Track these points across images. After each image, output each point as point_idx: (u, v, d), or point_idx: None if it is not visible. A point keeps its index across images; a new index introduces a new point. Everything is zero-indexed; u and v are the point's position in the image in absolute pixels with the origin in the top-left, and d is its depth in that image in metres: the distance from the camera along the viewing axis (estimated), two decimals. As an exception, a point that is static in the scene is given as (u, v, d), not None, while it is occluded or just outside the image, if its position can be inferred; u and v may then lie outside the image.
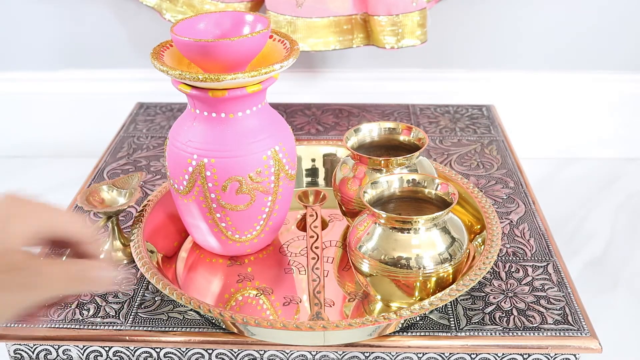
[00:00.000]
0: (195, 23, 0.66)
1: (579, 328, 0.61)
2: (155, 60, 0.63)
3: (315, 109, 1.03)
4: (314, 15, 0.96)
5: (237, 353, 0.63)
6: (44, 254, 0.54)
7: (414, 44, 0.97)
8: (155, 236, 0.71)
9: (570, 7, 1.07)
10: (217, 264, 0.72)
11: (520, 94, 1.13)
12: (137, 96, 1.09)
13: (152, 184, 0.84)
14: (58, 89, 1.16)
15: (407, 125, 0.74)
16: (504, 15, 1.08)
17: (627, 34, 1.09)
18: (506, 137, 0.94)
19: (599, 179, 1.10)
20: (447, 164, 0.88)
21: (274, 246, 0.74)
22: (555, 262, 0.69)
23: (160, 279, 0.63)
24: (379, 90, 1.12)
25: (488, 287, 0.67)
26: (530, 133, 1.14)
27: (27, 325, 0.62)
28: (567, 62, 1.12)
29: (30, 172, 1.15)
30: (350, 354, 0.62)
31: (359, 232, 0.63)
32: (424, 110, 1.02)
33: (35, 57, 1.15)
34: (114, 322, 0.63)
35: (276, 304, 0.66)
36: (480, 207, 0.72)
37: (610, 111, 1.13)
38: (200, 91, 0.62)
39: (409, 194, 0.67)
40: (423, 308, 0.59)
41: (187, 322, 0.63)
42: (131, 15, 1.11)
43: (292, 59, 0.64)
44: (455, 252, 0.61)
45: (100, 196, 0.71)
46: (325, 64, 1.14)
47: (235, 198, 0.66)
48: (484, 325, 0.62)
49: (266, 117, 0.67)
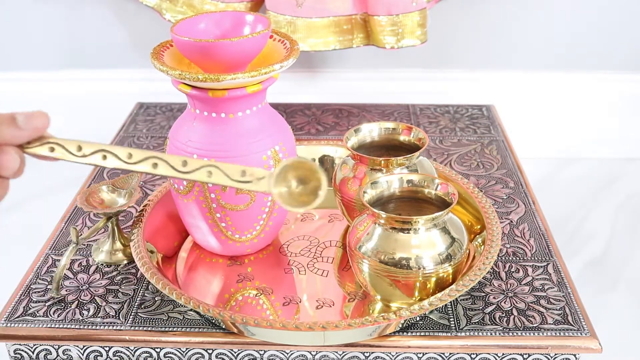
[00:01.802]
0: (195, 23, 0.66)
1: (579, 328, 0.61)
2: (155, 60, 0.63)
3: (315, 109, 1.03)
4: (314, 15, 0.96)
5: (237, 353, 0.63)
6: None
7: (414, 44, 0.97)
8: (155, 236, 0.71)
9: (570, 7, 1.07)
10: (217, 264, 0.72)
11: (520, 94, 1.13)
12: (137, 96, 1.09)
13: (152, 184, 0.84)
14: (58, 89, 1.16)
15: (407, 125, 0.74)
16: (504, 15, 1.08)
17: (627, 34, 1.09)
18: (506, 137, 0.94)
19: (599, 179, 1.10)
20: (447, 164, 0.88)
21: (274, 246, 0.74)
22: (555, 262, 0.69)
23: (160, 279, 0.63)
24: (379, 90, 1.12)
25: (488, 287, 0.67)
26: (530, 133, 1.14)
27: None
28: (567, 62, 1.11)
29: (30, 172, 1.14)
30: (350, 354, 0.62)
31: (358, 232, 0.63)
32: (424, 110, 1.02)
33: (35, 57, 1.15)
34: (114, 322, 0.63)
35: (276, 304, 0.66)
36: (480, 207, 0.72)
37: (610, 111, 1.13)
38: (200, 91, 0.62)
39: (409, 194, 0.67)
40: (423, 308, 0.59)
41: (187, 322, 0.63)
42: (131, 15, 1.11)
43: (292, 59, 0.64)
44: (455, 252, 0.61)
45: (100, 197, 0.71)
46: (325, 64, 1.14)
47: (235, 198, 0.66)
48: (484, 325, 0.62)
49: (266, 117, 0.67)
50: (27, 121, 0.45)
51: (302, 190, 0.45)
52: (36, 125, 0.46)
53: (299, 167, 0.44)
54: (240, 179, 0.45)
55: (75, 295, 0.66)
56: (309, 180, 0.44)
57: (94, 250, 0.72)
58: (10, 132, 0.45)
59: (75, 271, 0.70)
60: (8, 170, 0.45)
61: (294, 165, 0.44)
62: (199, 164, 0.46)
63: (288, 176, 0.44)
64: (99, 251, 0.71)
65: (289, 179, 0.44)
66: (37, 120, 0.46)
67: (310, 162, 0.44)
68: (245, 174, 0.45)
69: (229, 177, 0.45)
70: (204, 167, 0.45)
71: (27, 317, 0.64)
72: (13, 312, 0.64)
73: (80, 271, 0.70)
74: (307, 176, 0.44)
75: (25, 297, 0.66)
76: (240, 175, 0.45)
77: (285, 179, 0.44)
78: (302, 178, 0.44)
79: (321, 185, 0.44)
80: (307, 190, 0.44)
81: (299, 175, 0.44)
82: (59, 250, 0.73)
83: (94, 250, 0.72)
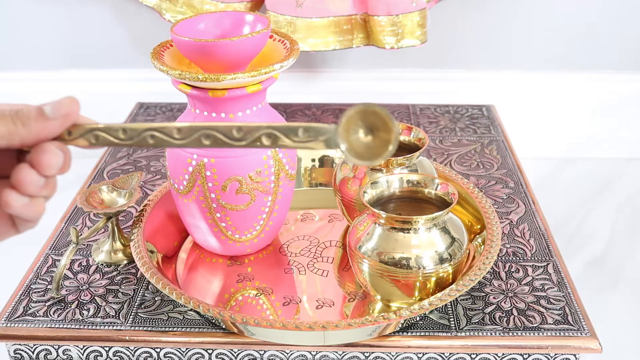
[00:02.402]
0: (195, 23, 0.66)
1: (579, 328, 0.61)
2: (155, 60, 0.63)
3: (315, 109, 1.03)
4: (314, 16, 0.96)
5: (237, 353, 0.63)
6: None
7: (414, 44, 0.97)
8: (155, 236, 0.71)
9: (570, 7, 1.07)
10: (217, 264, 0.72)
11: (520, 94, 1.13)
12: (137, 96, 1.09)
13: (152, 184, 0.84)
14: (58, 89, 1.16)
15: (407, 125, 0.74)
16: (504, 16, 1.08)
17: (626, 34, 1.09)
18: (506, 137, 0.94)
19: (599, 179, 1.10)
20: (447, 164, 0.88)
21: (274, 246, 0.74)
22: (555, 262, 0.69)
23: (160, 279, 0.63)
24: (379, 90, 1.12)
25: (488, 287, 0.66)
26: (530, 133, 1.14)
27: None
28: (567, 62, 1.12)
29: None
30: (350, 354, 0.62)
31: (358, 232, 0.63)
32: (424, 110, 1.02)
33: (35, 57, 1.15)
34: (114, 322, 0.63)
35: (276, 304, 0.66)
36: (480, 207, 0.72)
37: (610, 111, 1.13)
38: (200, 91, 0.62)
39: (409, 194, 0.67)
40: (423, 308, 0.59)
41: (187, 322, 0.63)
42: (131, 15, 1.11)
43: (292, 59, 0.64)
44: (455, 252, 0.61)
45: (100, 197, 0.71)
46: (325, 64, 1.14)
47: (235, 198, 0.66)
48: (484, 325, 0.62)
49: (266, 117, 0.67)
50: (55, 110, 0.42)
51: (372, 141, 0.40)
52: (66, 112, 0.43)
53: (365, 115, 0.40)
54: (303, 138, 0.41)
55: (75, 295, 0.66)
56: (378, 129, 0.40)
57: (94, 250, 0.72)
58: (40, 126, 0.42)
59: (75, 271, 0.70)
60: (51, 168, 0.41)
61: (359, 114, 0.40)
62: (255, 130, 0.42)
63: (353, 127, 0.40)
64: (99, 251, 0.71)
65: (355, 129, 0.40)
66: (65, 107, 0.43)
67: (378, 108, 0.40)
68: (308, 131, 0.41)
69: (290, 139, 0.42)
70: (261, 131, 0.42)
71: (27, 317, 0.64)
72: (13, 312, 0.64)
73: (80, 271, 0.70)
74: (375, 123, 0.40)
75: (25, 297, 0.66)
76: (303, 133, 0.41)
77: (351, 130, 0.40)
78: (370, 126, 0.40)
79: (393, 134, 0.40)
80: (378, 139, 0.40)
81: (366, 124, 0.40)
82: (59, 250, 0.73)
83: (94, 250, 0.72)
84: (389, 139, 0.40)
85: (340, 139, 0.41)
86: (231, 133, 0.42)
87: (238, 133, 0.42)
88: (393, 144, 0.40)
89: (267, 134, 0.42)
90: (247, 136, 0.42)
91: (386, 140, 0.40)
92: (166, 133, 0.43)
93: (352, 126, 0.40)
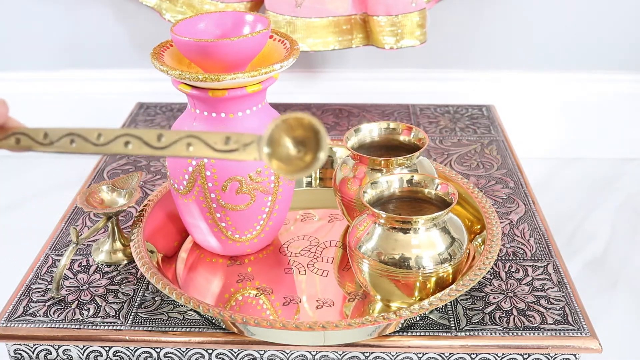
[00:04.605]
0: (195, 23, 0.66)
1: (579, 328, 0.61)
2: (155, 60, 0.63)
3: (315, 109, 1.03)
4: (313, 16, 0.96)
5: (237, 353, 0.63)
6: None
7: (414, 44, 0.97)
8: (155, 236, 0.71)
9: (570, 7, 1.07)
10: (217, 264, 0.72)
11: (520, 94, 1.13)
12: (137, 96, 1.09)
13: (152, 184, 0.84)
14: (58, 89, 1.16)
15: (407, 125, 0.74)
16: (504, 16, 1.08)
17: (626, 34, 1.09)
18: (506, 137, 0.94)
19: (599, 179, 1.10)
20: (447, 164, 0.88)
21: (274, 246, 0.74)
22: (555, 262, 0.69)
23: (160, 278, 0.63)
24: (379, 90, 1.12)
25: (488, 287, 0.67)
26: (530, 133, 1.14)
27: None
28: (567, 62, 1.12)
29: (30, 172, 1.15)
30: (350, 354, 0.62)
31: (358, 232, 0.63)
32: (424, 110, 1.02)
33: (35, 57, 1.15)
34: (114, 322, 0.63)
35: (276, 304, 0.66)
36: (480, 207, 0.72)
37: (609, 111, 1.13)
38: (200, 91, 0.62)
39: (409, 194, 0.67)
40: (423, 308, 0.59)
41: (187, 322, 0.63)
42: (131, 15, 1.11)
43: (292, 59, 0.64)
44: (455, 252, 0.61)
45: (100, 197, 0.71)
46: (325, 64, 1.14)
47: (235, 198, 0.66)
48: (484, 325, 0.62)
49: (266, 117, 0.67)
50: None
51: (301, 154, 0.38)
52: None
53: (292, 126, 0.37)
54: (225, 147, 0.39)
55: (75, 295, 0.66)
56: (308, 141, 0.37)
57: (94, 250, 0.72)
58: None
59: (75, 271, 0.70)
60: None
61: (285, 124, 0.37)
62: (177, 136, 0.40)
63: (282, 139, 0.38)
64: (99, 251, 0.71)
65: (283, 141, 0.38)
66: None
67: (306, 117, 0.37)
68: (230, 140, 0.39)
69: (211, 147, 0.40)
70: (182, 138, 0.40)
71: (27, 317, 0.64)
72: (13, 312, 0.64)
73: (80, 271, 0.70)
74: (304, 136, 0.37)
75: (25, 297, 0.66)
76: (224, 143, 0.39)
77: (279, 142, 0.38)
78: (299, 139, 0.38)
79: (321, 144, 0.37)
80: (307, 152, 0.38)
81: (295, 136, 0.38)
82: (59, 250, 0.73)
83: (94, 250, 0.72)
84: (316, 157, 0.38)
85: (264, 151, 0.39)
86: (152, 140, 0.41)
87: (159, 140, 0.41)
88: (319, 162, 0.38)
89: (187, 143, 0.40)
90: (168, 144, 0.41)
91: (313, 157, 0.38)
92: (86, 138, 0.42)
93: (278, 138, 0.38)
